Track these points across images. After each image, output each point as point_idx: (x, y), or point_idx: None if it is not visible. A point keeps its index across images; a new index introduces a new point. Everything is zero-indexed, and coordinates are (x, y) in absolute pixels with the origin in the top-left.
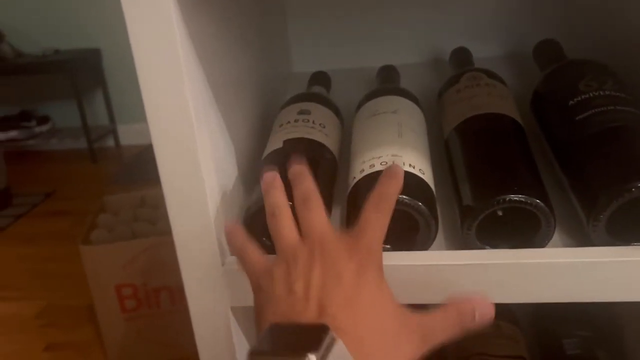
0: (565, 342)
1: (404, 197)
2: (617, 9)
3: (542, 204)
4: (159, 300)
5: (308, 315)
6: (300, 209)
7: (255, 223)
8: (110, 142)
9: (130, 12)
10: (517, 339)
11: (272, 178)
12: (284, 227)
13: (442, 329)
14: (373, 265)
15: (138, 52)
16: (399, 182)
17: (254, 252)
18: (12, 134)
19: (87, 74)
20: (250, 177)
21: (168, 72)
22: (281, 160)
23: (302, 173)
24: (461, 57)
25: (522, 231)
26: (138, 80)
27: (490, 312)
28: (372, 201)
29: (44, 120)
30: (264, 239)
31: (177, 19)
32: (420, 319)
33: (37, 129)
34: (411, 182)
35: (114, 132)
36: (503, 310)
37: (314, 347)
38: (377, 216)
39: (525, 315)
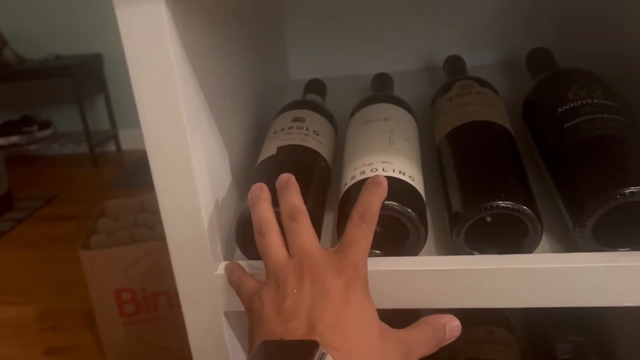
0: (557, 347)
1: (394, 203)
2: (610, 18)
3: (529, 211)
4: (158, 304)
5: (298, 333)
6: (288, 225)
7: (248, 230)
8: (111, 147)
9: (124, 22)
10: (510, 344)
11: (258, 190)
12: (272, 245)
13: (421, 345)
14: (359, 281)
15: (132, 60)
16: (382, 192)
17: (248, 280)
18: (14, 139)
19: (88, 79)
20: (244, 183)
21: (161, 80)
22: (274, 167)
23: (288, 185)
24: (454, 65)
25: (510, 237)
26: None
27: (458, 329)
28: (356, 214)
29: (45, 125)
30: (255, 245)
31: (171, 28)
32: (401, 336)
33: (39, 134)
34: (401, 189)
35: (115, 137)
36: (497, 316)
37: None
38: (361, 230)
39: (518, 320)
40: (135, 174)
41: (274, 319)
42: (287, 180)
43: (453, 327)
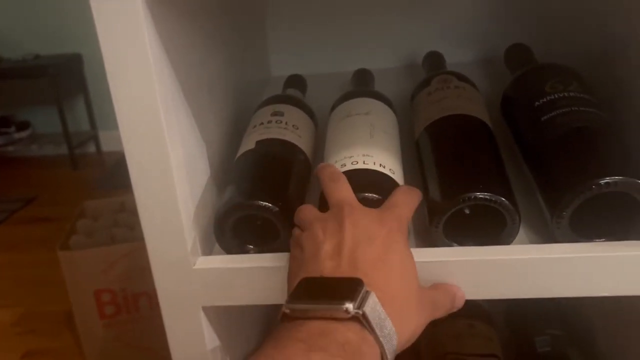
0: (536, 339)
1: (374, 195)
2: (590, 16)
3: (506, 202)
4: (138, 305)
5: (341, 270)
6: (328, 185)
7: (227, 222)
8: (91, 148)
9: (100, 15)
10: (491, 338)
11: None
12: (311, 206)
13: (441, 306)
14: (402, 234)
15: (108, 55)
16: (420, 195)
17: (299, 224)
18: None
19: (68, 79)
20: (223, 178)
21: (138, 76)
22: (253, 161)
23: (328, 163)
24: (434, 61)
25: (488, 228)
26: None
27: (463, 299)
28: (402, 188)
29: (23, 125)
30: (235, 239)
31: (147, 22)
32: (431, 294)
33: (17, 135)
34: (381, 181)
35: (95, 138)
36: (478, 310)
37: (350, 297)
38: (406, 196)
39: (499, 314)
40: (115, 175)
41: (314, 260)
42: (327, 163)
43: (461, 297)
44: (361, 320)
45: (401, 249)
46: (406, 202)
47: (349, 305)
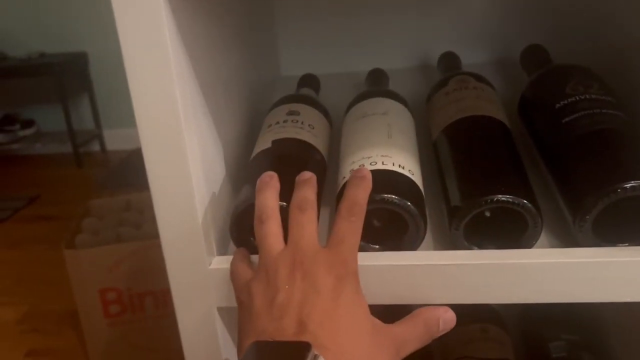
0: (551, 345)
1: (394, 197)
2: (603, 14)
3: (529, 205)
4: (144, 305)
5: (289, 331)
6: (294, 215)
7: (242, 222)
8: (95, 147)
9: (121, 13)
10: (504, 342)
11: (269, 178)
12: (269, 235)
13: (412, 340)
14: (349, 277)
15: (128, 53)
16: (367, 184)
17: (242, 267)
18: None
19: (73, 77)
20: (238, 178)
21: (158, 73)
22: (269, 160)
23: (308, 180)
24: (449, 61)
25: (509, 232)
26: (128, 82)
27: (452, 321)
28: (344, 208)
29: (28, 124)
30: (251, 238)
31: (168, 19)
32: (392, 332)
33: (21, 133)
34: (400, 183)
35: (99, 137)
36: (490, 314)
37: None
38: (350, 225)
39: (512, 317)
40: (119, 174)
41: (263, 316)
42: (310, 177)
43: (447, 319)
44: None
45: (348, 297)
46: (351, 230)
47: None
